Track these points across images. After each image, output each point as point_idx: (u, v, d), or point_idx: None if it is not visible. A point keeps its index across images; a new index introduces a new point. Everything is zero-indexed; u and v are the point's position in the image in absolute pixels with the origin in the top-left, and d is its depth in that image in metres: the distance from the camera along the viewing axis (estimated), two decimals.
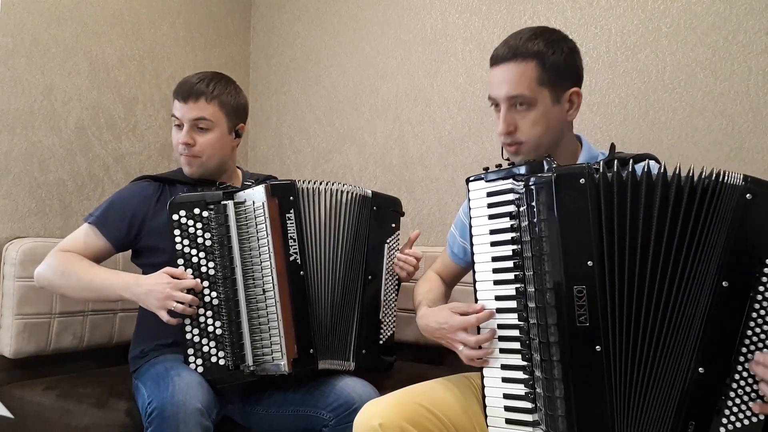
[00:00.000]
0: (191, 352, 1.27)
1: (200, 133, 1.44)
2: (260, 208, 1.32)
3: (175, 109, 1.46)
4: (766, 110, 1.59)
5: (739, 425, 0.88)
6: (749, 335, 0.88)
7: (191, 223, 1.29)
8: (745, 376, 0.88)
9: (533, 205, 0.99)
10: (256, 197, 1.33)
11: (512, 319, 1.03)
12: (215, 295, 1.29)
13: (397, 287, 1.50)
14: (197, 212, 1.30)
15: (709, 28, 1.66)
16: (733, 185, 0.91)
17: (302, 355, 1.31)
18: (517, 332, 1.02)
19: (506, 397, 1.02)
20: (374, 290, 1.44)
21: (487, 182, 1.08)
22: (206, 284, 1.29)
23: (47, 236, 1.75)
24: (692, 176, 0.93)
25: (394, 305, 1.48)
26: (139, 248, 1.48)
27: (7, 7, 1.69)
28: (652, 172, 0.95)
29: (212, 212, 1.31)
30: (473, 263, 1.10)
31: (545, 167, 1.01)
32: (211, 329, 1.28)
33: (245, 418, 1.40)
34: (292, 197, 1.35)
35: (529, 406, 0.99)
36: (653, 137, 1.72)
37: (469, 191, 1.11)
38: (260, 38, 2.51)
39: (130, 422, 1.32)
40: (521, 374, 1.01)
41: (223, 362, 1.28)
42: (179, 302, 1.23)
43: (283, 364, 1.29)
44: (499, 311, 1.05)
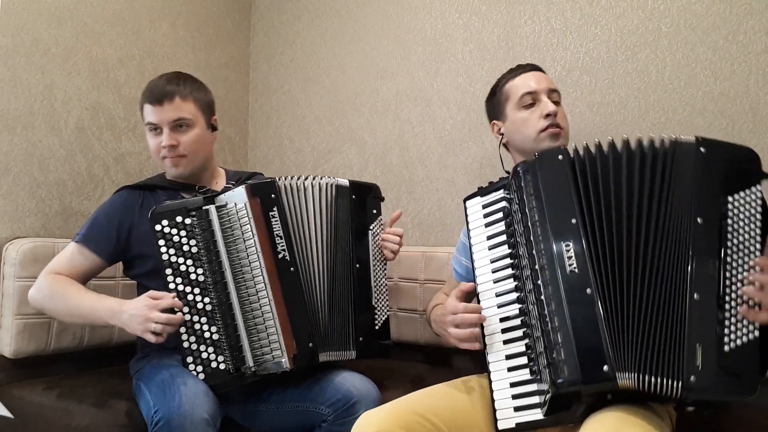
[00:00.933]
0: (190, 360, 1.26)
1: (181, 132, 1.44)
2: (243, 209, 1.32)
3: (148, 114, 1.44)
4: (766, 110, 1.59)
5: (739, 343, 0.97)
6: (729, 261, 1.00)
7: (175, 231, 1.29)
8: (734, 297, 0.98)
9: (522, 186, 1.13)
10: (237, 199, 1.32)
11: (513, 309, 1.13)
12: (208, 300, 1.28)
13: (385, 272, 1.50)
14: (180, 220, 1.29)
15: (709, 28, 1.66)
16: (688, 143, 1.08)
17: (302, 349, 1.31)
18: (519, 321, 1.12)
19: (513, 385, 1.09)
20: (364, 278, 1.44)
21: (482, 197, 1.23)
22: (197, 291, 1.28)
23: (47, 236, 1.74)
24: (653, 143, 1.09)
25: (385, 290, 1.48)
26: (129, 258, 1.48)
27: (7, 6, 1.69)
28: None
29: (195, 218, 1.30)
30: (474, 269, 1.19)
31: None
32: (207, 335, 1.27)
33: (246, 417, 1.40)
34: (273, 195, 1.35)
35: (534, 388, 1.07)
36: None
37: (466, 208, 1.25)
38: (260, 38, 2.51)
39: (130, 422, 1.32)
40: (525, 360, 1.09)
41: (223, 366, 1.27)
42: (158, 323, 1.21)
43: (283, 361, 1.29)
44: (500, 306, 1.14)
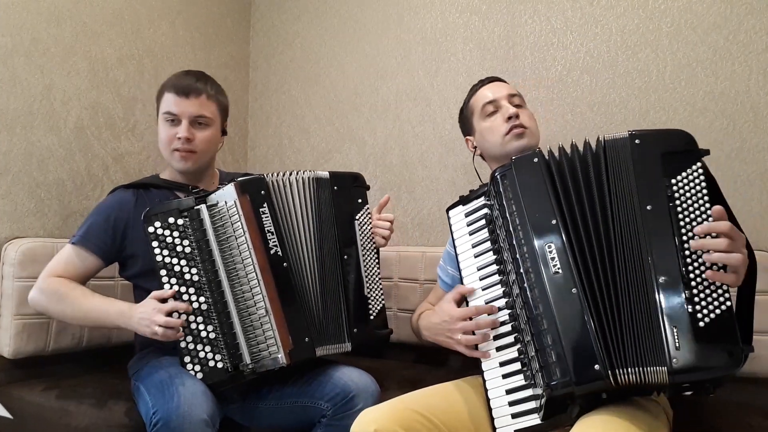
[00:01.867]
0: (188, 360, 1.26)
1: (198, 129, 1.46)
2: (233, 207, 1.32)
3: (169, 104, 1.44)
4: (766, 110, 1.59)
5: (713, 316, 0.99)
6: (684, 240, 1.03)
7: (168, 232, 1.29)
8: (698, 273, 1.01)
9: (500, 191, 1.16)
10: (227, 197, 1.33)
11: (503, 315, 1.15)
12: (203, 300, 1.29)
13: (377, 260, 1.49)
14: (172, 221, 1.30)
15: (709, 27, 1.66)
16: (623, 138, 1.13)
17: (298, 344, 1.32)
18: (509, 327, 1.14)
19: (509, 392, 1.10)
20: (353, 268, 1.43)
21: (464, 206, 1.26)
22: (192, 291, 1.29)
23: (46, 236, 1.74)
24: (600, 142, 1.15)
25: (377, 278, 1.47)
26: (124, 257, 1.48)
27: (6, 6, 1.69)
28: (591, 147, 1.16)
29: (187, 219, 1.31)
30: (461, 278, 1.21)
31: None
32: (204, 334, 1.28)
33: (245, 415, 1.40)
34: (263, 191, 1.35)
35: (529, 393, 1.08)
36: None
37: (449, 218, 1.27)
38: (260, 38, 2.51)
39: (129, 422, 1.32)
40: (518, 365, 1.11)
41: (221, 365, 1.28)
42: (160, 325, 1.23)
43: (280, 356, 1.30)
44: (490, 314, 1.16)
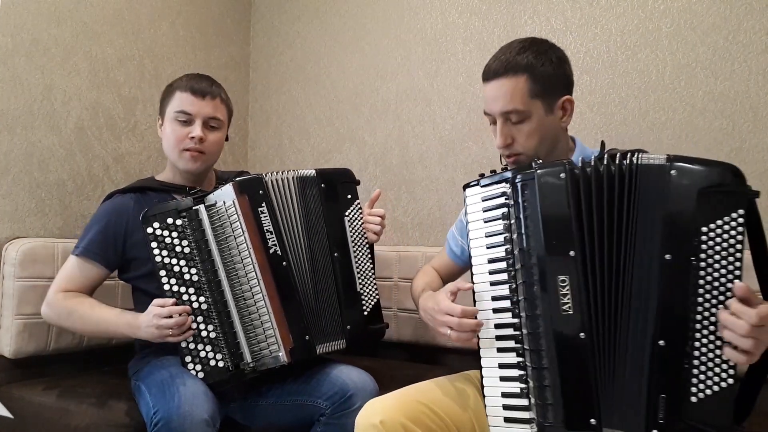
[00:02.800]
0: (189, 359, 1.27)
1: (210, 131, 1.48)
2: (231, 207, 1.33)
3: (184, 103, 1.44)
4: (766, 110, 1.59)
5: (709, 392, 0.89)
6: (700, 302, 0.90)
7: (166, 233, 1.30)
8: (705, 342, 0.90)
9: (519, 202, 1.04)
10: (225, 197, 1.33)
11: (507, 317, 1.07)
12: (203, 300, 1.29)
13: (370, 256, 1.49)
14: (171, 222, 1.30)
15: (709, 27, 1.66)
16: (658, 165, 0.95)
17: (298, 343, 1.33)
18: (512, 330, 1.06)
19: (504, 396, 1.06)
20: (344, 265, 1.43)
21: (482, 187, 1.13)
22: (192, 291, 1.29)
23: (47, 236, 1.75)
24: (633, 164, 0.97)
25: (370, 274, 1.47)
26: (125, 261, 1.48)
27: (6, 6, 1.69)
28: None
29: (185, 219, 1.31)
30: (471, 266, 1.13)
31: (533, 167, 1.04)
32: (204, 334, 1.28)
33: (246, 414, 1.40)
34: (261, 191, 1.35)
35: (525, 403, 1.03)
36: (653, 137, 1.72)
37: (466, 197, 1.15)
38: (260, 38, 2.51)
39: (130, 422, 1.32)
40: (517, 371, 1.05)
41: (222, 364, 1.28)
42: (168, 328, 1.24)
43: (281, 355, 1.31)
44: (495, 311, 1.09)
